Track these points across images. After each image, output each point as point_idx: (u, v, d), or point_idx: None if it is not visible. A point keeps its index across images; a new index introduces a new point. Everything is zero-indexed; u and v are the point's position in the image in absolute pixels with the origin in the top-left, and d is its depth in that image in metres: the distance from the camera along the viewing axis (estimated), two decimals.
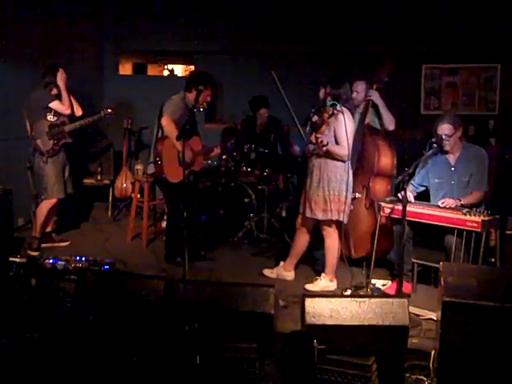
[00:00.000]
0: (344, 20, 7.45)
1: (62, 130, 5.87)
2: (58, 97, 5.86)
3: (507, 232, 5.12)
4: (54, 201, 5.90)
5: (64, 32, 7.28)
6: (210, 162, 6.50)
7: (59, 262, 4.44)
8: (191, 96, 5.39)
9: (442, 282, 3.43)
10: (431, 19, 7.17)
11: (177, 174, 5.21)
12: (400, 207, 4.51)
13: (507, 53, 7.09)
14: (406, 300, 3.48)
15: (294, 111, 5.80)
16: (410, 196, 4.83)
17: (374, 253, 4.90)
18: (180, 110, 5.36)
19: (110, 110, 6.18)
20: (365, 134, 5.40)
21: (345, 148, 4.80)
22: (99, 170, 7.55)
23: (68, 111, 5.90)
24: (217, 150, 5.94)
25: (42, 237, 5.94)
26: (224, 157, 6.46)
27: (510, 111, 7.23)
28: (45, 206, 5.90)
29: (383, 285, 5.02)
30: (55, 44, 7.04)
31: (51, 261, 4.45)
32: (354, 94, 5.38)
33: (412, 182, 4.99)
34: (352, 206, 5.07)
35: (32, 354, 3.55)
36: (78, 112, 6.08)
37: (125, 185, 7.37)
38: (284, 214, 6.57)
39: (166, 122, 5.27)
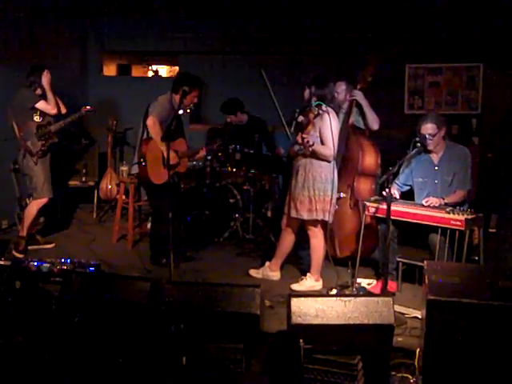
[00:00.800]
0: (329, 21, 7.47)
1: (49, 130, 5.85)
2: (43, 97, 5.83)
3: (490, 230, 5.18)
4: (44, 200, 5.87)
5: (47, 33, 7.23)
6: (195, 162, 6.48)
7: (44, 265, 4.39)
8: (178, 97, 5.34)
9: (427, 281, 3.45)
10: (414, 19, 7.20)
11: (161, 175, 5.21)
12: (384, 206, 4.53)
13: (489, 52, 7.13)
14: (391, 299, 3.50)
15: (280, 110, 5.80)
16: (396, 193, 4.87)
17: (359, 252, 4.91)
18: (166, 111, 5.33)
19: (89, 107, 6.17)
20: (349, 134, 5.42)
21: (330, 148, 4.81)
22: (84, 171, 7.51)
23: (54, 111, 5.87)
24: (202, 152, 5.92)
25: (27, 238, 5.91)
26: (209, 157, 6.45)
27: (492, 110, 7.28)
28: (35, 206, 5.87)
29: (368, 284, 5.04)
30: (38, 45, 6.99)
31: (36, 263, 4.41)
32: (335, 95, 5.38)
33: (396, 181, 5.02)
34: (337, 206, 5.08)
35: (17, 357, 3.53)
36: (63, 110, 6.05)
37: (110, 186, 7.33)
38: (269, 214, 6.58)
39: (151, 122, 5.23)
